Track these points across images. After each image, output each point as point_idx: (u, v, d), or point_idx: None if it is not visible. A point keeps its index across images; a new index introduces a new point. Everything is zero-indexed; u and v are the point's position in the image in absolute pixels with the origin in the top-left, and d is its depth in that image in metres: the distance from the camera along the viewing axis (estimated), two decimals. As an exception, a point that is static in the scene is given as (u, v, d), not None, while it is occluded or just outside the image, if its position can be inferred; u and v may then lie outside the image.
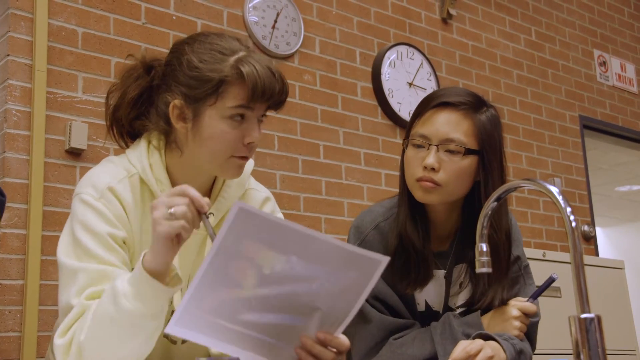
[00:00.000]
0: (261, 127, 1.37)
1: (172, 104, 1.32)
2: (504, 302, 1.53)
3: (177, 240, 1.13)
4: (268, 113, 1.39)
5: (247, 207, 0.99)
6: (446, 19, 4.06)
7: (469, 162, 1.50)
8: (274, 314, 1.11)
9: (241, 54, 1.30)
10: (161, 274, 1.15)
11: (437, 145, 1.49)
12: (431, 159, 1.48)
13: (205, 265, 1.02)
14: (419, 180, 1.49)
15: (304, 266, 1.05)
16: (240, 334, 1.12)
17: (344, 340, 1.18)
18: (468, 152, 1.48)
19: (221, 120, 1.29)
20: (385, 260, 1.05)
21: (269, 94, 1.30)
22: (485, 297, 1.53)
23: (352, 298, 1.10)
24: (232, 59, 1.29)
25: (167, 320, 1.38)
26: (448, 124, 1.50)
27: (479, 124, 1.50)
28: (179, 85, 1.31)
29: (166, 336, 1.38)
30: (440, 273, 1.58)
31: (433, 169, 1.48)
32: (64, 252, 1.26)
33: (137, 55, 1.42)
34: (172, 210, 1.11)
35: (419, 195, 1.51)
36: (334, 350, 1.17)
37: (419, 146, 1.51)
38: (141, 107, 1.39)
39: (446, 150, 1.49)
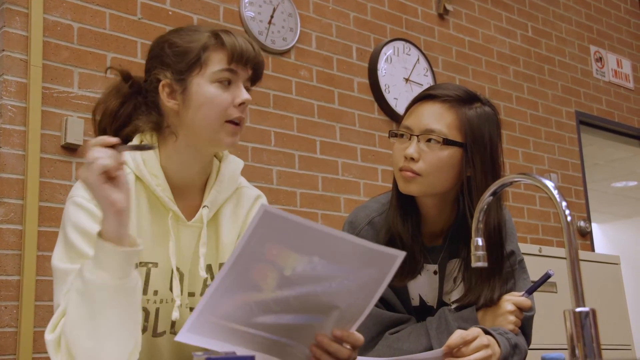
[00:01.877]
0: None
1: (161, 83, 1.38)
2: (497, 299, 1.53)
3: (110, 182, 1.14)
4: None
5: (271, 209, 0.99)
6: (442, 15, 4.06)
7: (449, 153, 1.49)
8: (291, 314, 1.11)
9: (219, 28, 1.41)
10: (117, 238, 1.15)
11: (417, 136, 1.50)
12: (411, 149, 1.49)
13: (227, 268, 1.01)
14: (401, 170, 1.51)
15: (325, 266, 1.05)
16: (253, 337, 1.11)
17: (359, 336, 1.18)
18: (447, 142, 1.49)
19: (209, 85, 1.35)
20: (401, 255, 1.06)
21: (246, 57, 1.37)
22: (478, 293, 1.53)
23: (369, 294, 1.11)
24: (208, 31, 1.39)
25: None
26: (430, 116, 1.51)
27: (464, 117, 1.50)
28: (164, 67, 1.38)
29: (145, 329, 1.37)
30: (431, 268, 1.58)
31: (412, 159, 1.49)
32: (58, 257, 1.27)
33: (115, 67, 1.48)
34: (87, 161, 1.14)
35: (401, 185, 1.53)
36: (349, 347, 1.17)
37: (402, 136, 1.53)
38: (123, 114, 1.43)
39: (427, 141, 1.49)
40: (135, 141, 1.40)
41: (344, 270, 1.07)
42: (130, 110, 1.43)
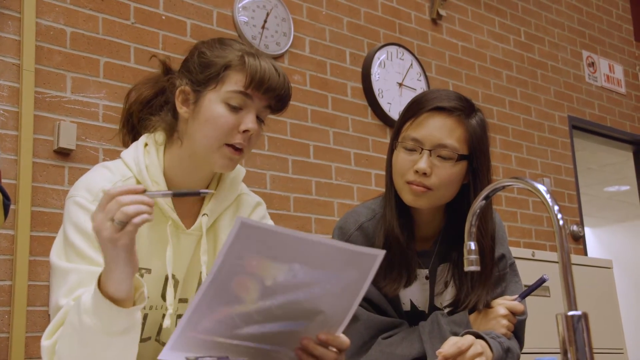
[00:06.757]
0: (262, 128, 1.38)
1: (179, 89, 1.37)
2: (489, 302, 1.53)
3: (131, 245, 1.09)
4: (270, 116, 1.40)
5: (249, 222, 0.97)
6: (436, 20, 4.07)
7: (460, 168, 1.50)
8: (275, 323, 1.10)
9: (250, 49, 1.37)
10: (121, 297, 1.11)
11: (429, 150, 1.48)
12: (423, 164, 1.47)
13: (207, 283, 1.00)
14: (410, 183, 1.49)
15: (306, 272, 1.05)
16: (237, 347, 1.10)
17: (345, 339, 1.18)
18: (460, 158, 1.49)
19: (219, 104, 1.33)
20: (381, 254, 1.06)
21: (267, 86, 1.33)
22: (471, 297, 1.53)
23: (351, 296, 1.11)
24: (240, 51, 1.35)
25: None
26: (442, 130, 1.49)
27: (471, 130, 1.50)
28: (187, 73, 1.37)
29: (157, 340, 1.37)
30: (423, 273, 1.58)
31: (425, 174, 1.48)
32: (56, 254, 1.26)
33: (159, 57, 1.47)
34: (115, 220, 1.06)
35: (408, 198, 1.51)
36: (335, 350, 1.17)
37: (410, 149, 1.51)
38: (154, 105, 1.43)
39: (438, 156, 1.49)
40: (140, 142, 1.39)
41: (325, 274, 1.06)
42: (162, 104, 1.43)
